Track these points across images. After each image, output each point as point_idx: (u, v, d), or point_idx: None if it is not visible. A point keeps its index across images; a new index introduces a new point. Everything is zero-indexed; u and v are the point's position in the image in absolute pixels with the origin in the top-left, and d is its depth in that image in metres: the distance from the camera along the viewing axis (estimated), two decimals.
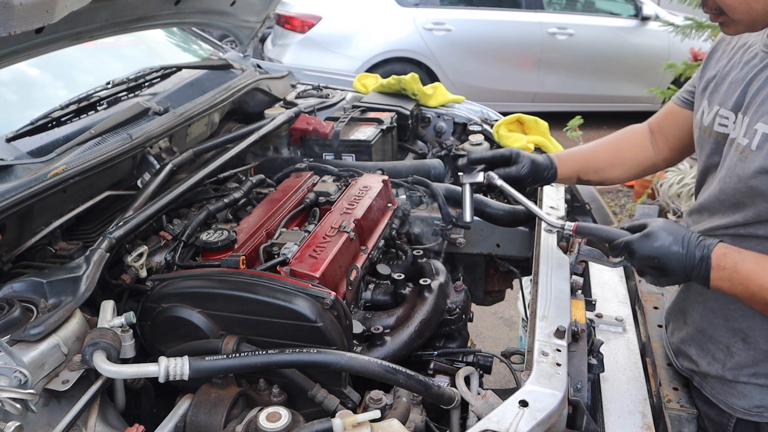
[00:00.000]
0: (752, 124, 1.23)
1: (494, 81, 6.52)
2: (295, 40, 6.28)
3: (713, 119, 1.37)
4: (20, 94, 2.07)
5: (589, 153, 1.69)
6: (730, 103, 1.32)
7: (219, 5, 2.31)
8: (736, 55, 1.36)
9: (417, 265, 1.69)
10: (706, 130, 1.40)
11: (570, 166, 1.66)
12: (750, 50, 1.32)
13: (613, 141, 1.71)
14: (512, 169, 1.60)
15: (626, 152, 1.68)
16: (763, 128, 1.20)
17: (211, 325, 1.31)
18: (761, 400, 1.33)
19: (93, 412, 1.21)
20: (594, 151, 1.69)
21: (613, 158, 1.68)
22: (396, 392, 1.29)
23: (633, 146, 1.67)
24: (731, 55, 1.38)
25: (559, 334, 1.28)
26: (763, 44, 1.27)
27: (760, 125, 1.21)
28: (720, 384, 1.40)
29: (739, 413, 1.36)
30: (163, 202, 1.60)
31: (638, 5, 6.72)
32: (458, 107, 2.62)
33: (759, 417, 1.34)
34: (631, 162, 1.67)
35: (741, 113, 1.28)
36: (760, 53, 1.28)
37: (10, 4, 1.14)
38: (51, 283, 1.28)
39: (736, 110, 1.30)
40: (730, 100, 1.32)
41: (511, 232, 2.09)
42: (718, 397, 1.40)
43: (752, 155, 1.22)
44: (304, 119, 2.29)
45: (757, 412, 1.34)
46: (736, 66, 1.34)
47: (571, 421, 1.17)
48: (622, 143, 1.69)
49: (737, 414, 1.37)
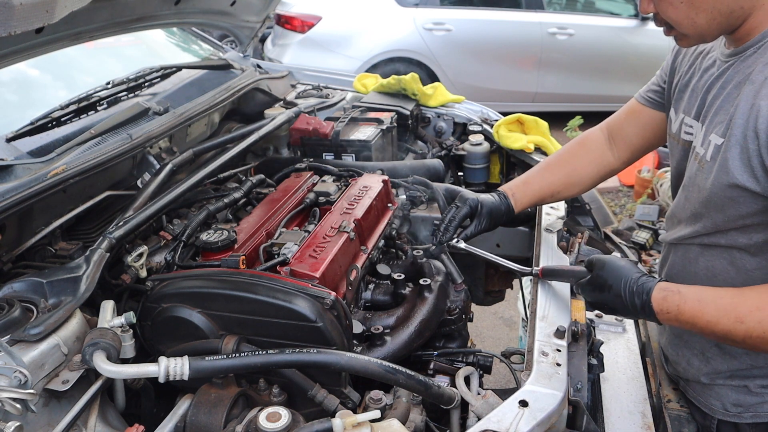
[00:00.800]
0: (707, 135, 1.23)
1: (494, 81, 6.52)
2: (295, 40, 6.27)
3: (680, 127, 1.38)
4: (20, 94, 2.07)
5: (544, 181, 1.64)
6: (692, 111, 1.32)
7: (219, 5, 2.31)
8: (696, 61, 1.37)
9: (417, 265, 1.69)
10: (674, 137, 1.41)
11: (525, 200, 1.62)
12: (708, 57, 1.33)
13: (567, 160, 1.66)
14: (471, 228, 1.58)
15: (583, 169, 1.64)
16: (715, 139, 1.20)
17: (211, 325, 1.31)
18: (737, 400, 1.34)
19: (93, 412, 1.21)
20: (549, 177, 1.64)
21: (569, 178, 1.64)
22: (396, 392, 1.29)
23: (590, 161, 1.64)
24: (692, 61, 1.39)
25: (559, 334, 1.28)
26: (720, 52, 1.28)
27: (713, 136, 1.21)
28: (699, 387, 1.41)
29: (718, 414, 1.37)
30: (163, 202, 1.60)
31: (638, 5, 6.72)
32: (458, 107, 2.62)
33: (738, 417, 1.34)
34: (588, 176, 1.65)
35: (700, 122, 1.28)
36: (717, 61, 1.28)
37: (10, 4, 1.14)
38: (51, 283, 1.28)
39: (698, 118, 1.30)
40: (693, 109, 1.32)
41: (511, 232, 2.09)
42: (698, 399, 1.42)
43: (707, 166, 1.22)
44: (304, 119, 2.29)
45: (736, 412, 1.34)
46: (696, 72, 1.35)
47: (571, 421, 1.17)
48: (577, 160, 1.65)
49: (717, 415, 1.37)
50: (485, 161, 2.37)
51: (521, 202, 1.61)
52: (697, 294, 1.18)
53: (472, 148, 2.35)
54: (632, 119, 1.60)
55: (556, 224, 1.75)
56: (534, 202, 1.65)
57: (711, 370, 1.37)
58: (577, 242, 1.72)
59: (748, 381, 1.32)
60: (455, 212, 1.56)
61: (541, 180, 1.63)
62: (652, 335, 1.68)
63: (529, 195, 1.62)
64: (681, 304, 1.17)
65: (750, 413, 1.32)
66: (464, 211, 1.55)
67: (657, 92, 1.53)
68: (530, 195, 1.62)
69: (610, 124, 1.65)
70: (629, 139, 1.61)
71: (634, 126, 1.59)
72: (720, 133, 1.19)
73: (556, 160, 1.67)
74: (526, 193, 1.61)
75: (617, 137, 1.63)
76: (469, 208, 1.55)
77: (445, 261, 1.67)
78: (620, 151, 1.63)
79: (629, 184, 5.33)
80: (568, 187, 1.64)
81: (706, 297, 1.17)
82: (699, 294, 1.18)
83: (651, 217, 4.56)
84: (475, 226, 1.58)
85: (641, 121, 1.57)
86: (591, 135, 1.67)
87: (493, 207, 1.57)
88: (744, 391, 1.32)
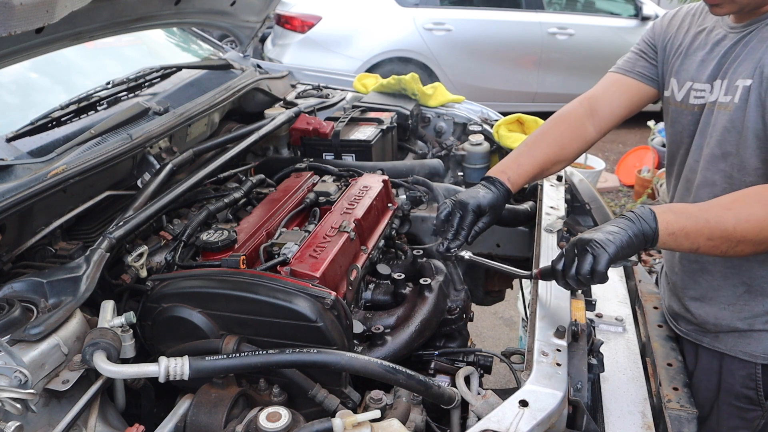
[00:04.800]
0: (732, 84, 1.37)
1: (494, 81, 6.51)
2: (295, 40, 6.27)
3: (687, 93, 1.49)
4: (20, 94, 2.07)
5: (535, 159, 1.64)
6: (704, 77, 1.45)
7: (219, 5, 2.31)
8: (699, 37, 1.50)
9: (417, 265, 1.69)
10: (680, 104, 1.51)
11: (521, 180, 1.62)
12: (714, 33, 1.46)
13: (554, 137, 1.67)
14: (475, 229, 1.55)
15: (568, 145, 1.67)
16: (742, 83, 1.34)
17: (211, 325, 1.31)
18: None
19: (93, 412, 1.21)
20: (539, 155, 1.64)
21: (557, 155, 1.66)
22: (396, 392, 1.29)
23: (574, 136, 1.67)
24: (692, 38, 1.51)
25: (559, 334, 1.28)
26: (727, 26, 1.43)
27: (740, 81, 1.35)
28: (736, 336, 1.45)
29: (761, 359, 1.42)
30: (163, 202, 1.60)
31: (638, 5, 6.72)
32: (458, 107, 2.62)
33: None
34: (572, 151, 1.68)
35: (720, 79, 1.41)
36: (729, 34, 1.42)
37: (10, 4, 1.14)
38: (51, 283, 1.28)
39: (713, 80, 1.43)
40: (704, 74, 1.45)
41: (511, 232, 2.09)
42: (736, 349, 1.45)
43: (735, 107, 1.35)
44: (304, 119, 2.29)
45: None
46: (703, 47, 1.47)
47: (571, 421, 1.17)
48: (563, 137, 1.67)
49: (759, 360, 1.42)
50: (485, 161, 2.37)
51: (517, 183, 1.61)
52: (683, 207, 1.28)
53: (472, 148, 2.36)
54: (619, 93, 1.65)
55: (556, 224, 1.75)
56: (527, 181, 1.66)
57: (748, 314, 1.42)
58: None
59: None
60: (461, 220, 1.52)
61: (532, 159, 1.64)
62: (653, 336, 1.68)
63: (523, 175, 1.62)
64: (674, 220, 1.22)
65: None
66: (470, 218, 1.52)
67: (647, 68, 1.62)
68: (524, 175, 1.62)
69: (593, 98, 1.68)
70: (615, 111, 1.65)
71: (621, 99, 1.65)
72: (747, 75, 1.33)
73: (543, 138, 1.68)
74: (520, 173, 1.62)
75: (601, 110, 1.66)
76: (473, 214, 1.52)
77: (450, 268, 1.66)
78: (601, 123, 1.67)
79: (629, 184, 5.33)
80: (556, 163, 1.67)
81: (690, 208, 1.26)
82: (684, 207, 1.28)
83: None
84: (480, 228, 1.56)
85: (628, 94, 1.64)
86: (571, 110, 1.70)
87: (494, 200, 1.56)
88: None
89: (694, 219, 1.22)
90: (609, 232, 1.19)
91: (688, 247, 1.23)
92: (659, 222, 1.20)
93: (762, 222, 1.20)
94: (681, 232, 1.21)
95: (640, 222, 1.20)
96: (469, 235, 1.54)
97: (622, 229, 1.20)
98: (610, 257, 1.17)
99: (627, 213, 1.24)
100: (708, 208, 1.24)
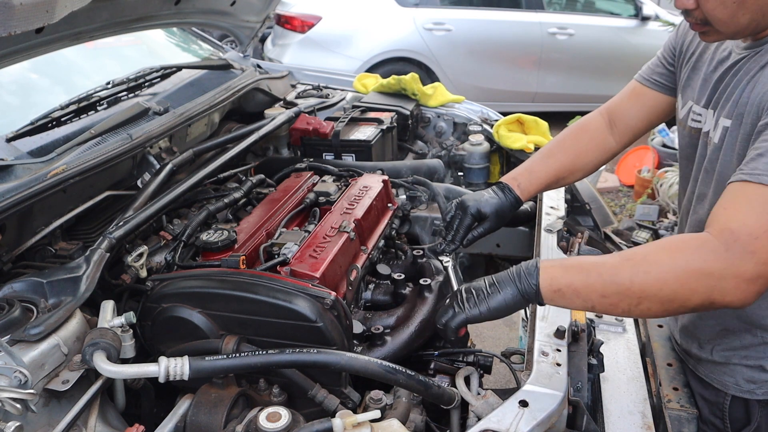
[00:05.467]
0: (718, 119, 1.27)
1: (494, 81, 6.51)
2: (295, 40, 6.27)
3: (687, 114, 1.40)
4: (20, 94, 2.07)
5: (549, 168, 1.61)
6: (702, 100, 1.35)
7: (219, 5, 2.31)
8: (708, 50, 1.37)
9: (417, 265, 1.69)
10: (681, 123, 1.44)
11: (532, 189, 1.59)
12: (723, 48, 1.33)
13: (570, 146, 1.64)
14: (475, 232, 1.54)
15: (586, 155, 1.63)
16: (723, 122, 1.25)
17: (211, 325, 1.31)
18: (751, 377, 1.36)
19: (93, 412, 1.21)
20: (553, 164, 1.61)
21: (574, 164, 1.62)
22: (396, 392, 1.29)
23: (593, 146, 1.63)
24: (703, 49, 1.39)
25: (559, 334, 1.28)
26: (735, 44, 1.29)
27: (722, 119, 1.25)
28: (712, 366, 1.43)
29: (731, 390, 1.39)
30: (163, 202, 1.60)
31: (638, 5, 6.71)
32: (458, 107, 2.62)
33: (750, 394, 1.37)
34: (591, 161, 1.64)
35: (711, 109, 1.31)
36: (732, 53, 1.29)
37: (10, 4, 1.14)
38: (51, 283, 1.28)
39: (708, 106, 1.33)
40: (703, 98, 1.35)
41: (511, 232, 2.09)
42: (710, 376, 1.44)
43: (715, 148, 1.27)
44: (304, 119, 2.29)
45: (749, 388, 1.36)
46: (709, 62, 1.36)
47: (571, 421, 1.18)
48: (579, 146, 1.63)
49: (730, 391, 1.40)
50: (485, 161, 2.37)
51: (527, 191, 1.58)
52: (578, 260, 1.20)
53: (472, 148, 2.36)
54: (636, 102, 1.59)
55: (556, 224, 1.75)
56: (540, 190, 1.63)
57: (726, 347, 1.39)
58: (577, 242, 1.72)
59: (763, 361, 1.34)
60: (459, 223, 1.52)
61: (546, 167, 1.61)
62: (653, 336, 1.68)
63: (535, 183, 1.59)
64: (562, 275, 1.14)
65: (763, 390, 1.35)
66: (467, 221, 1.52)
67: (664, 75, 1.52)
68: (536, 183, 1.59)
69: (611, 109, 1.64)
70: (632, 122, 1.60)
71: (638, 109, 1.59)
72: (727, 115, 1.23)
73: (559, 147, 1.65)
74: (532, 181, 1.59)
75: (619, 121, 1.62)
76: (471, 218, 1.52)
77: (449, 271, 1.66)
78: (621, 134, 1.62)
79: (629, 184, 5.33)
80: (573, 172, 1.63)
81: (583, 261, 1.17)
82: (580, 260, 1.20)
83: (651, 217, 4.57)
84: (480, 231, 1.55)
85: (646, 104, 1.57)
86: (591, 120, 1.67)
87: (498, 206, 1.54)
88: (758, 369, 1.35)
89: (585, 273, 1.11)
90: (488, 287, 1.17)
91: (581, 305, 1.13)
92: (542, 279, 1.13)
93: (664, 274, 1.05)
94: (568, 289, 1.11)
95: (521, 279, 1.15)
96: (464, 238, 1.52)
97: (497, 287, 1.16)
98: (466, 319, 1.16)
99: (513, 268, 1.18)
100: (604, 261, 1.13)
